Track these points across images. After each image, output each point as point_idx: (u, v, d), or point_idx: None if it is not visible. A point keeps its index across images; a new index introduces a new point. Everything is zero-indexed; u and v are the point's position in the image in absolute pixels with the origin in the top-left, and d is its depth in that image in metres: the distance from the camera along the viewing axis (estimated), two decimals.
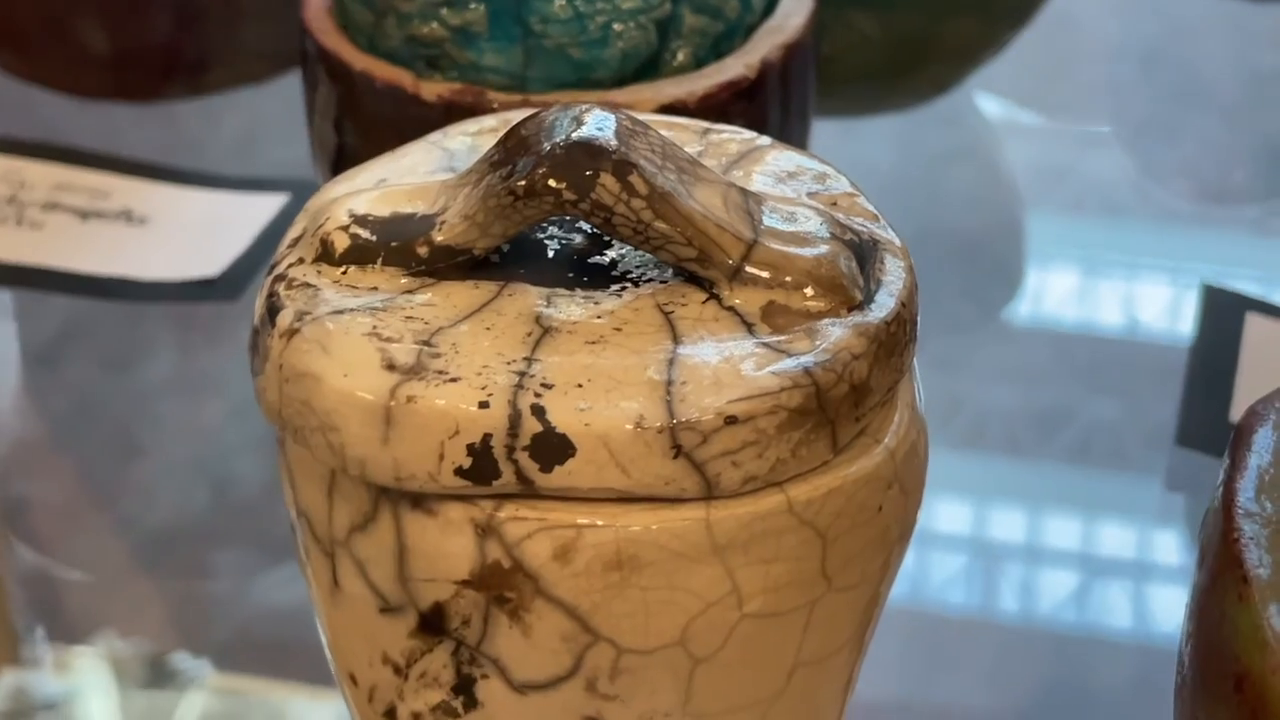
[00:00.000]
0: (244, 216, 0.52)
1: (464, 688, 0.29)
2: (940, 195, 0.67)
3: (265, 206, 0.53)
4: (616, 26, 0.42)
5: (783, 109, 0.44)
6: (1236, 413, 0.44)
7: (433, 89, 0.42)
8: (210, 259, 0.50)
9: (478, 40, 0.42)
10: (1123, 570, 0.52)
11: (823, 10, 0.47)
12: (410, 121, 0.41)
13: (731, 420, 0.27)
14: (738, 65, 0.43)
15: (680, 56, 0.43)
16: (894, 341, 0.29)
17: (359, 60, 0.43)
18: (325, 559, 0.30)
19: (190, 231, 0.52)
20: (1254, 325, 0.47)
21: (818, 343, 0.28)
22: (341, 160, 0.45)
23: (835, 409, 0.28)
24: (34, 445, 0.56)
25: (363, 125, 0.44)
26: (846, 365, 0.28)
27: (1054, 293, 0.64)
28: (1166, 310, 0.62)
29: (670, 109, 0.41)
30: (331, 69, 0.44)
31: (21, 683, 0.46)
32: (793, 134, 0.45)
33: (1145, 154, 0.71)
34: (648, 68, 0.42)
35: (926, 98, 0.63)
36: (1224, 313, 0.48)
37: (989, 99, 0.72)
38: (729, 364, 0.28)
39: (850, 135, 0.63)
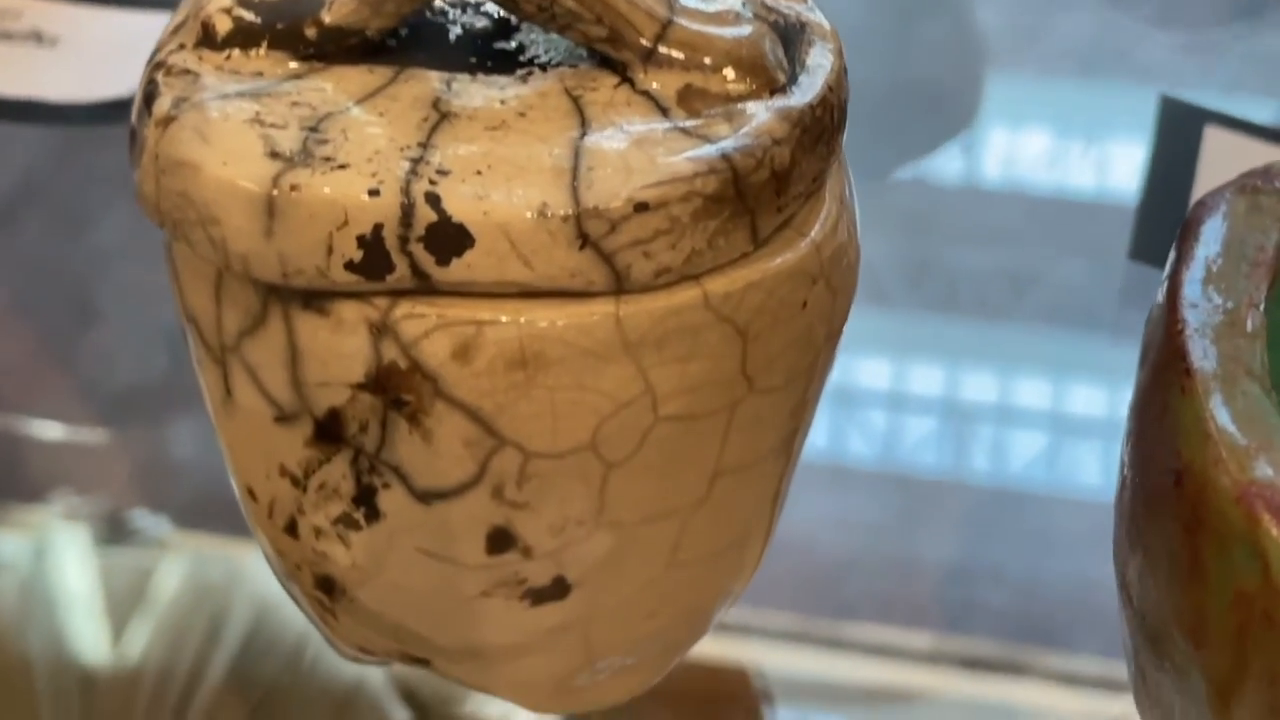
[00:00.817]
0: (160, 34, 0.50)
1: (365, 498, 0.28)
2: (910, 49, 0.67)
3: None
4: None
5: None
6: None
7: None
8: (125, 79, 0.48)
9: None
10: (1091, 428, 0.52)
11: None
12: None
13: (642, 207, 0.26)
14: None
15: None
16: (820, 127, 0.28)
17: None
18: (216, 367, 0.29)
19: (104, 51, 0.51)
20: (1213, 138, 0.46)
21: (737, 127, 0.27)
22: None
23: (755, 197, 0.27)
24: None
25: None
26: (768, 150, 0.27)
27: (1024, 152, 0.64)
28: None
29: None
30: None
31: None
32: None
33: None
34: None
35: None
36: (1182, 125, 0.47)
37: None
38: (641, 149, 0.27)
39: None
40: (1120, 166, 0.59)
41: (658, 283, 0.27)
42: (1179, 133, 0.47)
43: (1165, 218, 0.45)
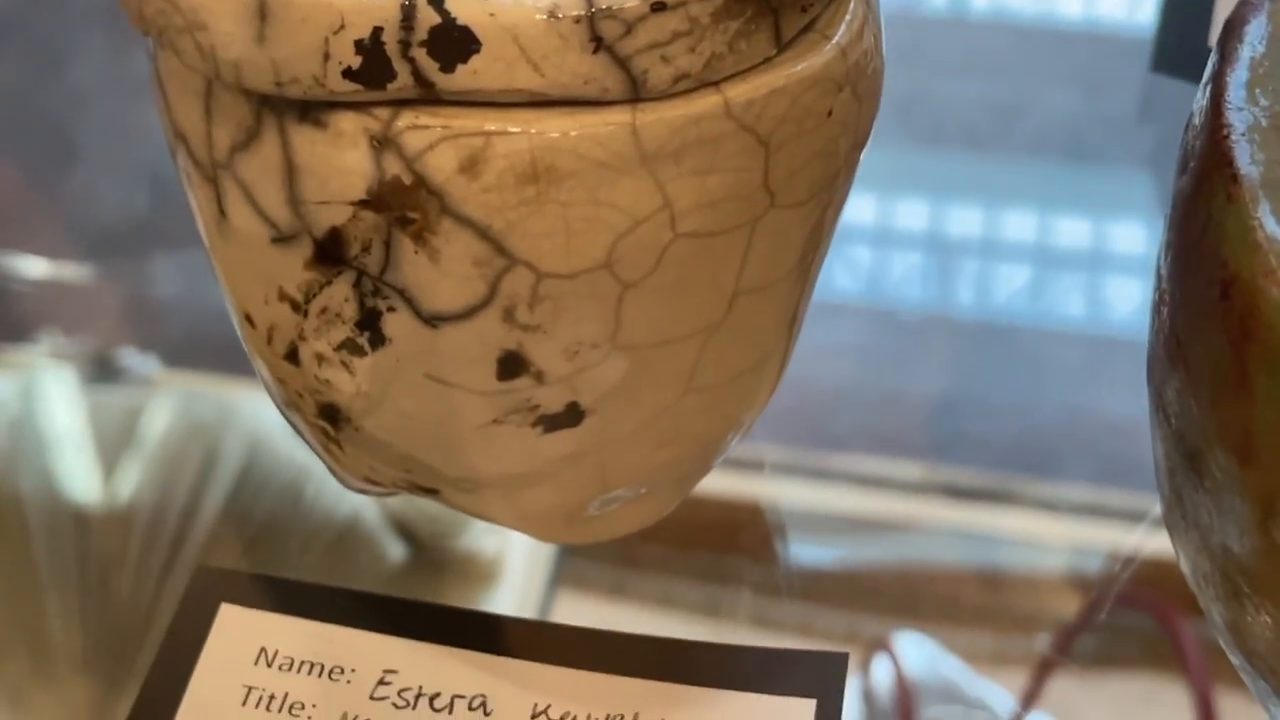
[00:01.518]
0: None
1: (369, 322, 0.28)
2: None
3: None
4: None
5: None
6: (1214, 38, 0.43)
7: None
8: None
9: None
10: (1080, 261, 0.51)
11: None
12: None
13: (660, 7, 0.25)
14: None
15: None
16: None
17: None
18: (208, 186, 0.28)
19: None
20: None
21: None
22: None
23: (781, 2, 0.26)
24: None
25: None
26: None
27: None
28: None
29: None
30: None
31: None
32: None
33: None
34: None
35: None
36: None
37: None
38: None
39: None
40: None
41: (676, 89, 0.26)
42: None
43: (1187, 31, 0.44)
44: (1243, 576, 0.26)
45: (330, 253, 0.27)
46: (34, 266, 0.50)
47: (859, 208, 0.51)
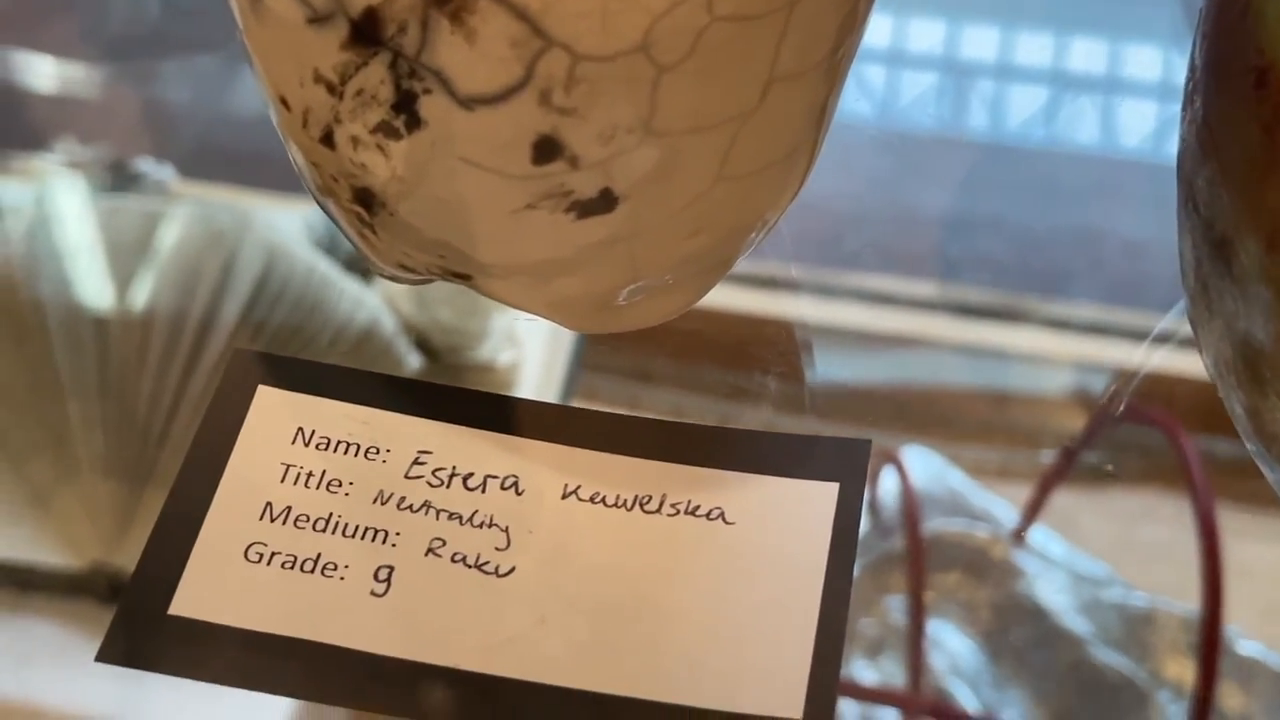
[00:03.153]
0: None
1: (405, 104, 0.27)
2: None
3: None
4: None
5: None
6: None
7: None
8: None
9: None
10: (1096, 84, 0.51)
11: None
12: None
13: None
14: None
15: None
16: None
17: None
18: None
19: None
20: None
21: None
22: None
23: None
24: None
25: None
26: None
27: None
28: None
29: None
30: None
31: None
32: None
33: None
34: None
35: None
36: None
37: None
38: None
39: None
40: None
41: None
42: None
43: None
44: (1265, 362, 0.27)
45: (366, 33, 0.27)
46: (48, 71, 0.49)
47: (874, 28, 0.51)
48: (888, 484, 0.41)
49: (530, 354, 0.44)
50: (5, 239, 0.43)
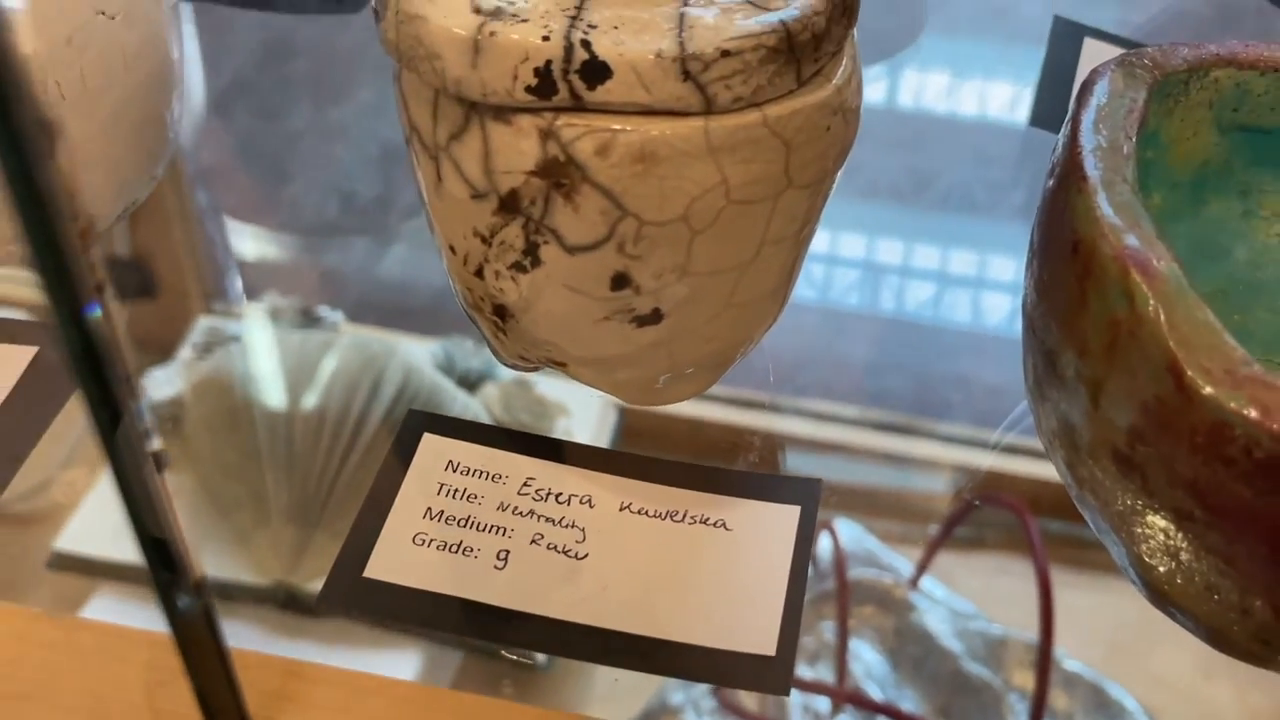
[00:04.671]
0: None
1: (531, 251, 0.28)
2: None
3: None
4: None
5: None
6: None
7: None
8: None
9: None
10: (968, 282, 0.50)
11: None
12: None
13: (726, 53, 0.25)
14: None
15: None
16: (846, 6, 0.28)
17: None
18: (431, 162, 0.28)
19: None
20: (1089, 47, 0.45)
21: (791, 3, 0.27)
22: None
23: (800, 51, 0.26)
24: (221, 148, 0.52)
25: None
26: (810, 19, 0.26)
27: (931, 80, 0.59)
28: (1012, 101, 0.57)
29: None
30: None
31: (214, 324, 0.45)
32: None
33: None
34: None
35: None
36: (1069, 37, 0.46)
37: None
38: (726, 16, 0.26)
39: None
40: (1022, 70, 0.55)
41: (734, 107, 0.26)
42: (1067, 41, 0.46)
43: (1057, 96, 0.43)
44: (1077, 433, 0.27)
45: (508, 205, 0.27)
46: (260, 243, 0.48)
47: (818, 238, 0.50)
48: (823, 545, 0.39)
49: (577, 431, 0.42)
50: (228, 357, 0.42)
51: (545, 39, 0.25)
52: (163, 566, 0.19)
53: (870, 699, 0.35)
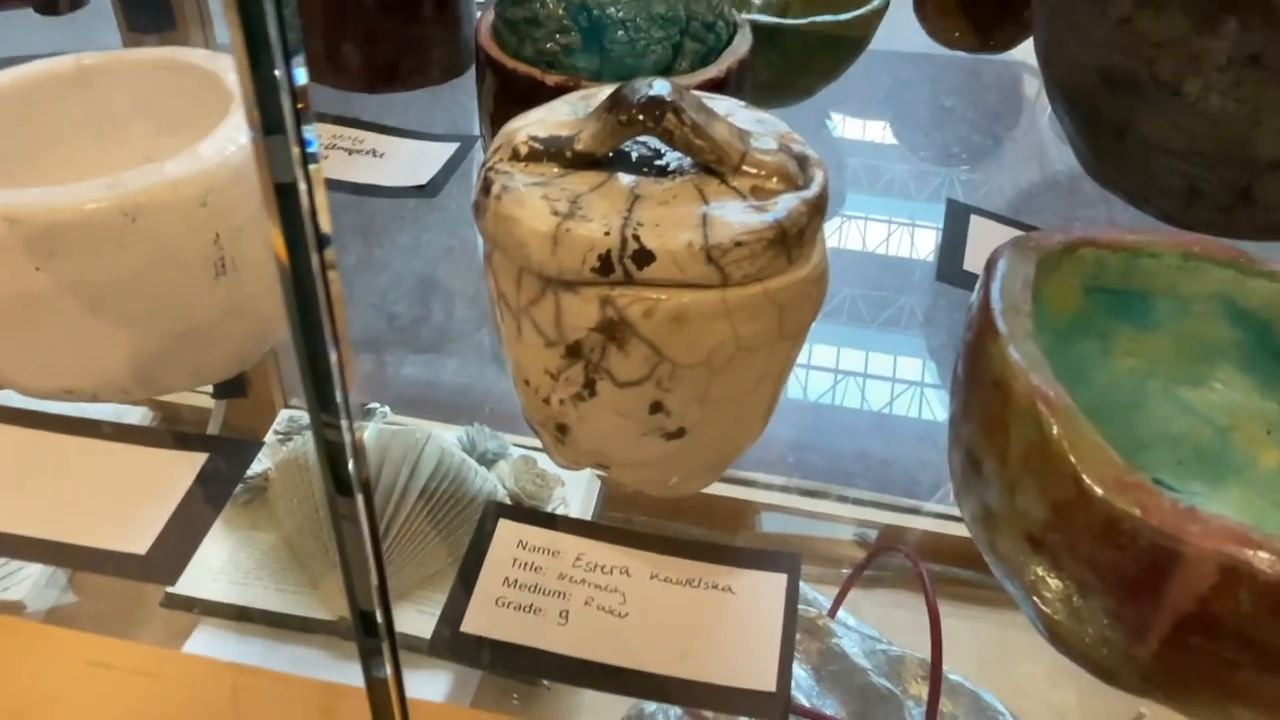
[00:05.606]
0: (436, 152, 0.50)
1: (589, 385, 0.29)
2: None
3: (449, 148, 0.51)
4: (652, 49, 0.40)
5: (736, 92, 0.42)
6: (968, 265, 0.44)
7: (552, 79, 0.40)
8: (421, 175, 0.49)
9: (575, 53, 0.41)
10: (879, 379, 0.49)
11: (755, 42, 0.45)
12: (538, 97, 0.39)
13: (739, 244, 0.27)
14: (715, 70, 0.41)
15: (684, 65, 0.41)
16: (819, 205, 0.29)
17: (510, 62, 0.42)
18: (514, 320, 0.29)
19: (409, 160, 0.49)
20: (975, 221, 0.47)
21: (782, 206, 0.28)
22: (496, 119, 0.43)
23: (790, 242, 0.28)
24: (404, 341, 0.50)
25: (511, 98, 0.42)
26: (797, 218, 0.28)
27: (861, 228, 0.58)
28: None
29: None
30: (495, 67, 0.42)
31: (292, 415, 0.43)
32: None
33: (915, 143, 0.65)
34: (666, 70, 0.41)
35: (794, 98, 0.57)
36: (960, 215, 0.48)
37: (836, 115, 0.65)
38: (736, 215, 0.27)
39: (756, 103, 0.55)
40: (927, 239, 0.56)
41: (744, 282, 0.27)
42: (958, 218, 0.47)
43: (955, 258, 0.45)
44: (998, 521, 0.27)
45: (573, 352, 0.28)
46: (406, 385, 0.47)
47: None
48: None
49: (573, 502, 0.41)
50: (304, 441, 0.41)
51: (606, 234, 0.26)
52: (366, 633, 0.19)
53: (800, 706, 0.34)
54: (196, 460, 0.33)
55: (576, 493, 0.40)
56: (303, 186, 0.15)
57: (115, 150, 0.40)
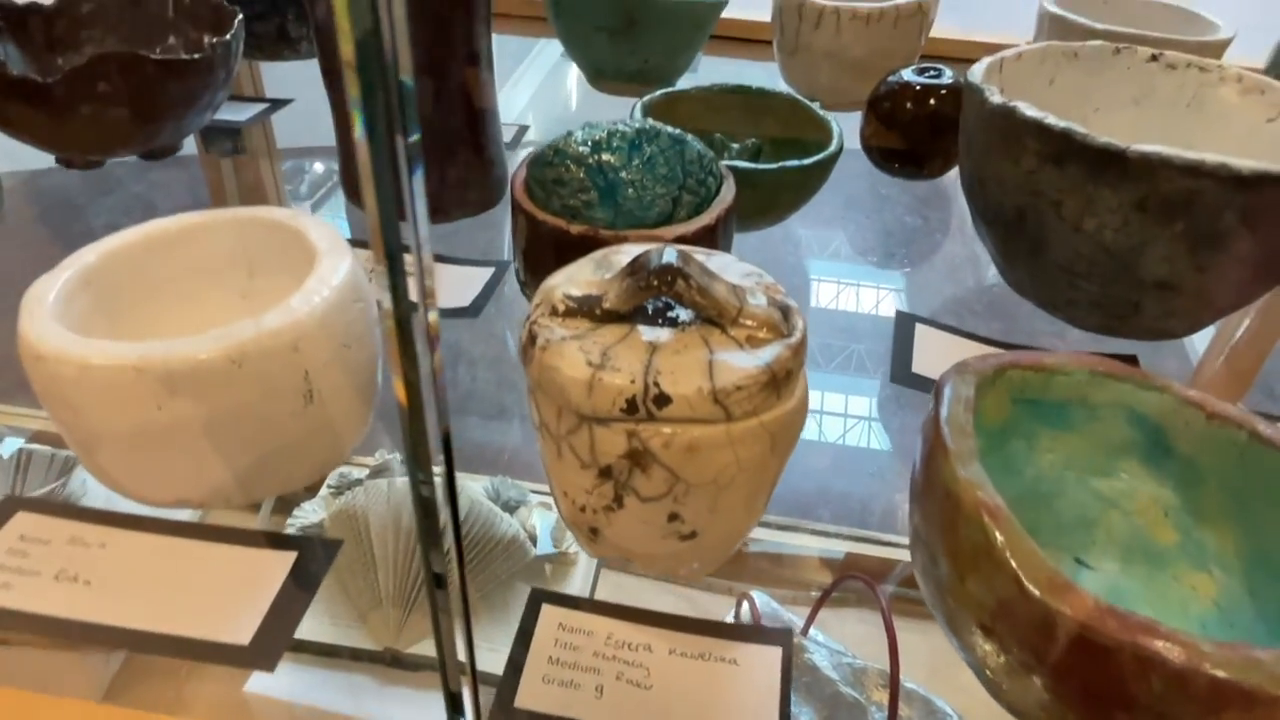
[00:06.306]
0: (476, 276, 0.51)
1: (618, 499, 0.29)
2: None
3: (486, 272, 0.52)
4: (656, 203, 0.41)
5: (725, 235, 0.43)
6: (917, 367, 0.45)
7: (575, 229, 0.41)
8: (463, 296, 0.49)
9: (594, 207, 0.42)
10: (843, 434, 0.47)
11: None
12: (564, 242, 0.41)
13: (739, 387, 0.27)
14: (707, 218, 0.42)
15: (683, 214, 0.42)
16: (800, 348, 0.30)
17: (540, 214, 0.42)
18: (554, 445, 0.30)
19: (454, 284, 0.49)
20: (920, 329, 0.48)
21: (770, 353, 0.29)
22: (528, 255, 0.44)
23: (780, 381, 0.28)
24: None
25: (540, 241, 0.42)
26: (784, 362, 0.28)
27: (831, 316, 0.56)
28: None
29: (681, 239, 0.40)
30: (527, 217, 0.42)
31: (344, 470, 0.41)
32: (727, 245, 0.44)
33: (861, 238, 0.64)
34: (668, 218, 0.42)
35: (766, 224, 0.56)
36: (906, 323, 0.48)
37: (801, 233, 0.64)
38: (736, 361, 0.28)
39: (741, 242, 0.55)
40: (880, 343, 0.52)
41: (743, 417, 0.28)
42: (906, 326, 0.48)
43: (904, 363, 0.45)
44: (952, 604, 0.28)
45: (606, 474, 0.28)
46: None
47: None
48: (744, 609, 0.36)
49: (582, 557, 0.39)
50: (353, 494, 0.39)
51: (632, 382, 0.27)
52: (453, 710, 0.19)
53: None
54: (288, 558, 0.33)
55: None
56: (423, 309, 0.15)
57: (215, 290, 0.41)
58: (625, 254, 0.32)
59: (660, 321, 0.30)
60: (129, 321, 0.38)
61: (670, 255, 0.29)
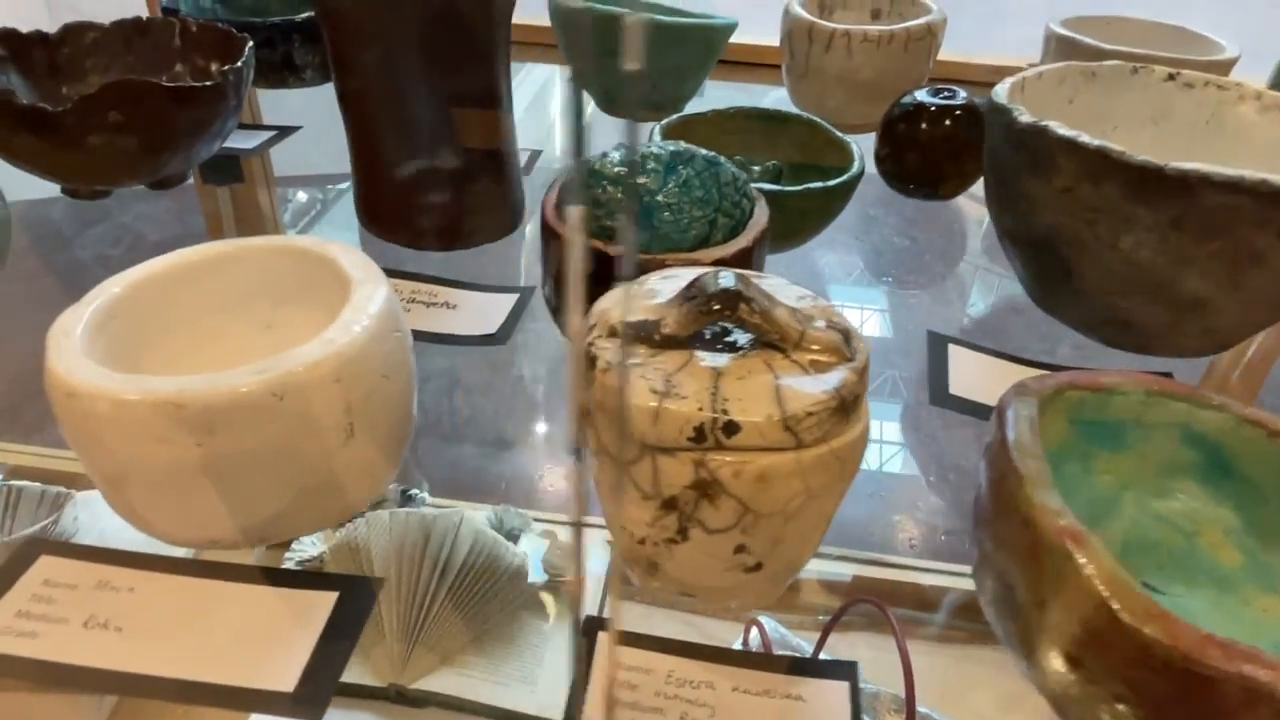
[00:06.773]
0: (502, 302, 0.50)
1: (683, 531, 0.28)
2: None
3: (510, 298, 0.51)
4: (693, 226, 0.41)
5: (759, 259, 0.43)
6: (953, 388, 0.44)
7: (610, 250, 0.40)
8: (489, 324, 0.49)
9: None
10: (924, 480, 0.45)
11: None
12: (600, 263, 0.39)
13: (810, 413, 0.27)
14: (743, 240, 0.42)
15: (719, 238, 0.42)
16: (864, 372, 0.29)
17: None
18: (616, 473, 0.29)
19: (478, 311, 0.49)
20: (953, 349, 0.48)
21: (837, 377, 0.28)
22: (560, 279, 0.43)
23: (847, 406, 0.28)
24: (433, 430, 0.48)
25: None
26: (851, 387, 0.28)
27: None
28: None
29: (718, 261, 0.39)
30: (560, 240, 0.42)
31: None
32: (762, 265, 0.43)
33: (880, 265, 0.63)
34: (705, 242, 0.41)
35: (792, 245, 0.55)
36: (939, 344, 0.47)
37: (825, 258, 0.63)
38: (802, 386, 0.28)
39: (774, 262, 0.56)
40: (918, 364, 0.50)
41: (813, 443, 0.27)
42: (939, 346, 0.47)
43: (941, 384, 0.45)
44: (1031, 634, 0.27)
45: (670, 505, 0.28)
46: (467, 480, 0.44)
47: None
48: (753, 634, 0.35)
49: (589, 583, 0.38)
50: (354, 526, 0.38)
51: (700, 409, 0.26)
52: None
53: None
54: (329, 599, 0.32)
55: (592, 561, 0.37)
56: None
57: (239, 322, 0.40)
58: (676, 278, 0.32)
59: (719, 346, 0.29)
60: (153, 355, 0.37)
61: (729, 279, 0.29)
